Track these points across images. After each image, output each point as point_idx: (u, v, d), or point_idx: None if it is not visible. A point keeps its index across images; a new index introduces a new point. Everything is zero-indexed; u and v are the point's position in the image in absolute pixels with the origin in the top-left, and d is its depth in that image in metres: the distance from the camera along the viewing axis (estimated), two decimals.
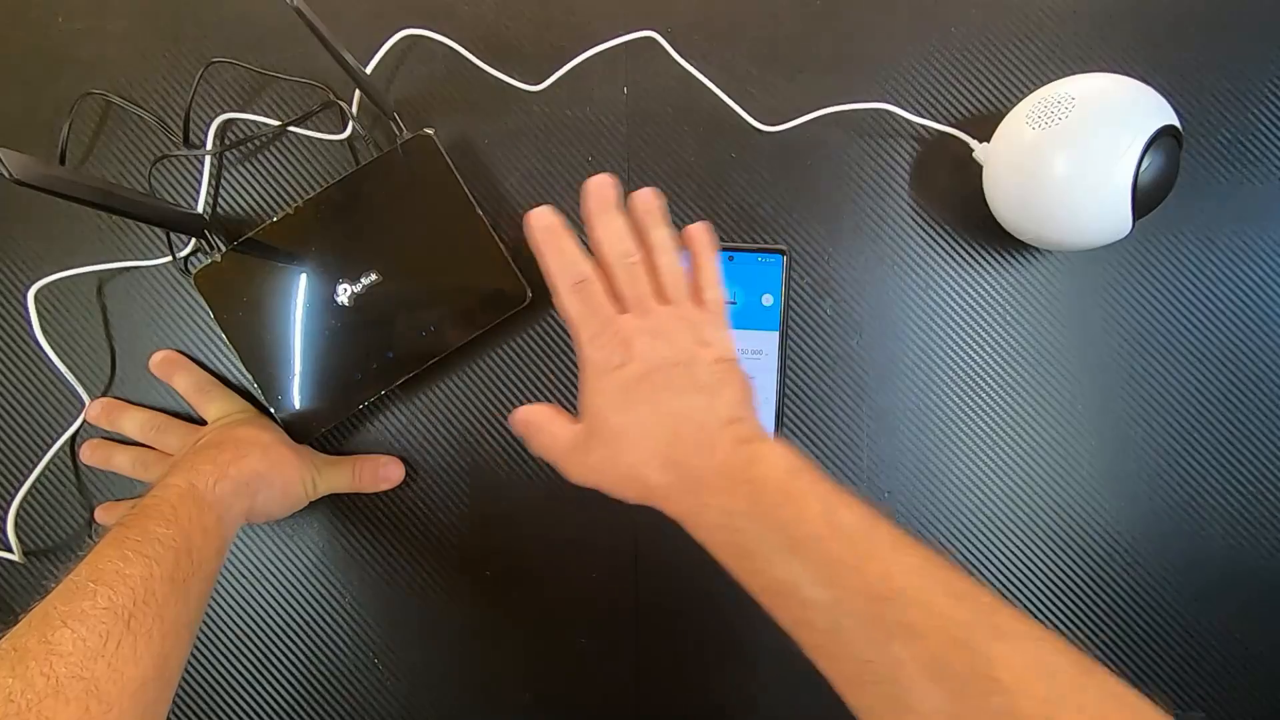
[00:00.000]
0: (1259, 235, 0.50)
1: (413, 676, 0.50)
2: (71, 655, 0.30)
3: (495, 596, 0.50)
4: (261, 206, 0.50)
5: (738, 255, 0.49)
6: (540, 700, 0.50)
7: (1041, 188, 0.42)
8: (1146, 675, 0.50)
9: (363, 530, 0.50)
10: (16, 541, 0.49)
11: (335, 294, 0.47)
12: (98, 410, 0.49)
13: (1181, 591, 0.50)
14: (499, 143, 0.50)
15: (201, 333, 0.50)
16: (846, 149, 0.50)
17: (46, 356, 0.48)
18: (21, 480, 0.49)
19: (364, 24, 0.50)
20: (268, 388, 0.47)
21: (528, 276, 0.49)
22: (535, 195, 0.50)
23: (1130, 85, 0.42)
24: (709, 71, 0.48)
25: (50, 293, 0.49)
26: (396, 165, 0.47)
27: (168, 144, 0.50)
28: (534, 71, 0.49)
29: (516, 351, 0.50)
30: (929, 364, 0.50)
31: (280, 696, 0.50)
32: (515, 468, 0.50)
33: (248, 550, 0.50)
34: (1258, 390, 0.50)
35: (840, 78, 0.50)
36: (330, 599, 0.50)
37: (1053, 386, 0.50)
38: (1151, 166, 0.41)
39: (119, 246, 0.50)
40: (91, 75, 0.50)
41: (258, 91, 0.50)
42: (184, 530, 0.37)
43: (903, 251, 0.50)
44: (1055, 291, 0.50)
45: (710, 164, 0.50)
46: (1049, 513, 0.50)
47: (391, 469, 0.49)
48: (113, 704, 0.30)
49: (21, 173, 0.33)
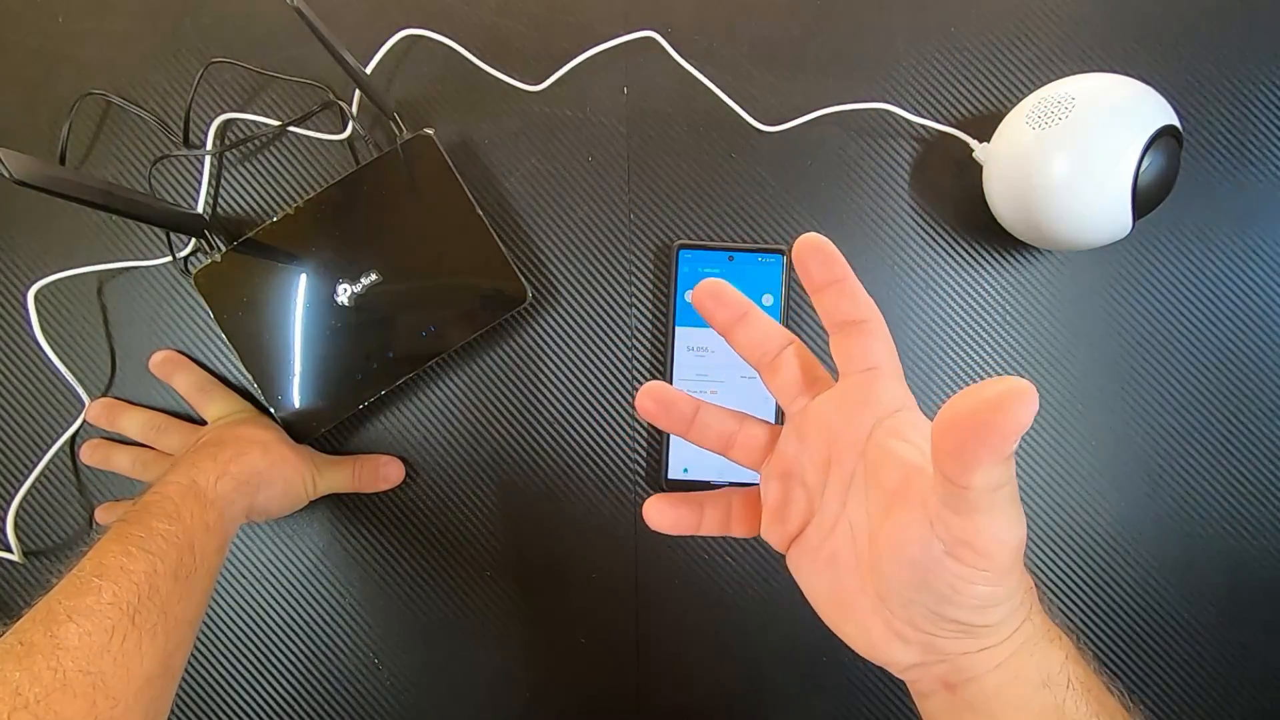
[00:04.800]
0: (1259, 235, 0.50)
1: (413, 676, 0.50)
2: (78, 650, 0.30)
3: (495, 596, 0.50)
4: (261, 206, 0.50)
5: (738, 255, 0.49)
6: (540, 700, 0.50)
7: (1041, 188, 0.42)
8: (1146, 675, 0.50)
9: (363, 530, 0.50)
10: (16, 541, 0.49)
11: (335, 294, 0.47)
12: (98, 410, 0.49)
13: (1181, 591, 0.49)
14: (499, 143, 0.50)
15: (201, 333, 0.50)
16: (846, 149, 0.50)
17: (46, 356, 0.48)
18: (21, 480, 0.49)
19: (364, 24, 0.50)
20: (268, 388, 0.47)
21: (528, 276, 0.49)
22: (535, 195, 0.50)
23: (1130, 85, 0.42)
24: (709, 71, 0.48)
25: (50, 293, 0.49)
26: (396, 165, 0.47)
27: (168, 144, 0.50)
28: (534, 71, 0.49)
29: (516, 351, 0.50)
30: (929, 364, 0.50)
31: (280, 696, 0.50)
32: (515, 468, 0.50)
33: (248, 550, 0.50)
34: (1257, 390, 0.50)
35: (840, 78, 0.50)
36: (330, 599, 0.50)
37: (1053, 386, 0.50)
38: (1151, 166, 0.41)
39: (119, 246, 0.50)
40: (91, 75, 0.50)
41: (258, 91, 0.50)
42: (186, 527, 0.37)
43: (903, 251, 0.50)
44: (1055, 291, 0.50)
45: (710, 164, 0.50)
46: (1049, 513, 0.50)
47: (391, 469, 0.49)
48: (119, 699, 0.30)
49: (21, 173, 0.33)
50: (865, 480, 0.28)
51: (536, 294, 0.50)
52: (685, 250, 0.49)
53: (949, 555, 0.24)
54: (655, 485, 0.50)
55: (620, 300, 0.50)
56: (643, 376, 0.50)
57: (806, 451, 0.29)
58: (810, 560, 0.30)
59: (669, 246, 0.50)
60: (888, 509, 0.26)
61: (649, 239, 0.50)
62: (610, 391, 0.50)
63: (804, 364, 0.30)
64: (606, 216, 0.50)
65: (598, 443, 0.50)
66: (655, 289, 0.50)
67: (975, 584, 0.24)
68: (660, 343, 0.50)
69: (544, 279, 0.50)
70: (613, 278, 0.50)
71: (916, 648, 0.27)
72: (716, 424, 0.31)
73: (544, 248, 0.50)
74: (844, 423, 0.28)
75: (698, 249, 0.49)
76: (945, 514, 0.23)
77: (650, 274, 0.50)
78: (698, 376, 0.49)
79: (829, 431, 0.29)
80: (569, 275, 0.50)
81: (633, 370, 0.50)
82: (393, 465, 0.49)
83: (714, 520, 0.32)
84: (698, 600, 0.50)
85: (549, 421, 0.50)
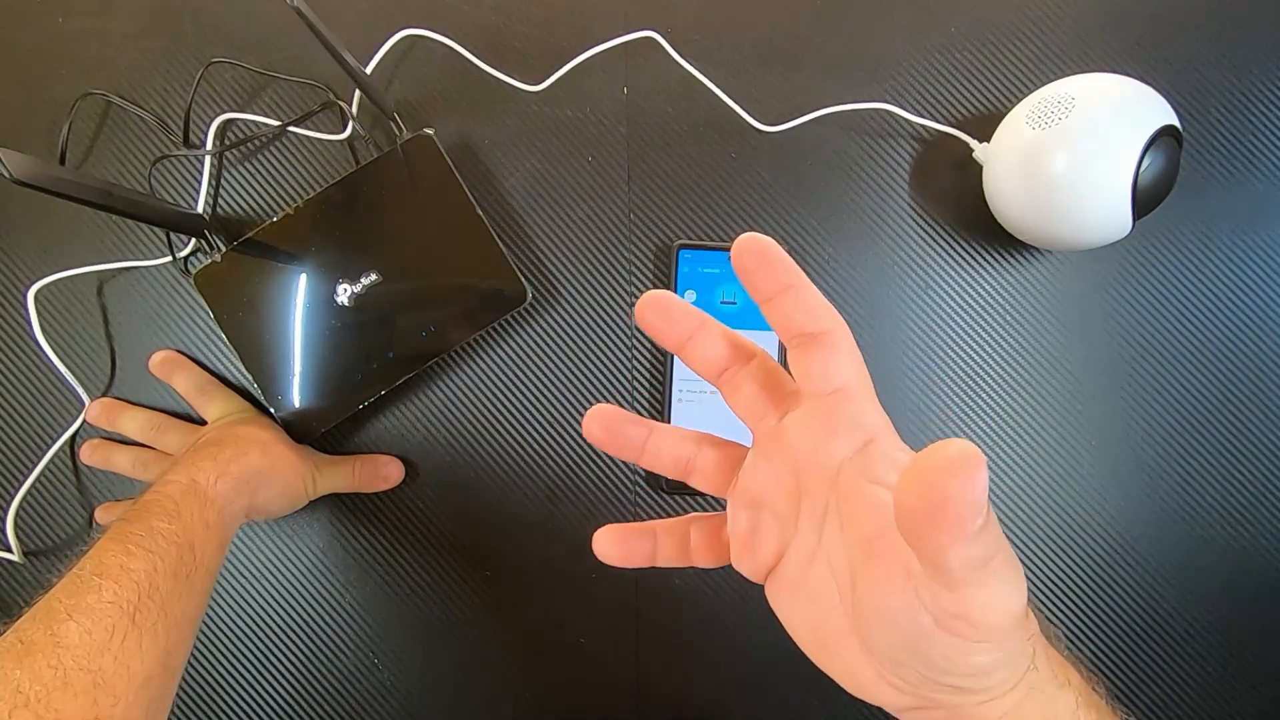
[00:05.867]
0: (1259, 235, 0.50)
1: (413, 676, 0.50)
2: (78, 648, 0.30)
3: (495, 596, 0.50)
4: (261, 206, 0.50)
5: None
6: (540, 700, 0.50)
7: (1041, 188, 0.42)
8: (1146, 675, 0.50)
9: (363, 530, 0.50)
10: (16, 541, 0.49)
11: (335, 294, 0.47)
12: (98, 410, 0.49)
13: (1181, 591, 0.49)
14: (499, 143, 0.50)
15: (201, 333, 0.50)
16: (846, 149, 0.50)
17: (46, 356, 0.48)
18: (21, 480, 0.49)
19: (364, 24, 0.50)
20: (267, 388, 0.47)
21: (528, 276, 0.49)
22: (535, 195, 0.50)
23: (1130, 85, 0.42)
24: (709, 71, 0.48)
25: (50, 293, 0.49)
26: (396, 165, 0.47)
27: (168, 144, 0.50)
28: (534, 71, 0.49)
29: (516, 351, 0.50)
30: (929, 364, 0.50)
31: (280, 696, 0.50)
32: (515, 468, 0.50)
33: (248, 549, 0.50)
34: (1257, 390, 0.50)
35: (840, 78, 0.50)
36: (330, 599, 0.50)
37: (1053, 386, 0.50)
38: (1151, 166, 0.41)
39: (119, 246, 0.50)
40: (91, 75, 0.50)
41: (258, 91, 0.50)
42: (186, 526, 0.37)
43: (903, 251, 0.50)
44: (1055, 291, 0.50)
45: (710, 164, 0.50)
46: (1049, 512, 0.50)
47: (391, 469, 0.49)
48: (120, 697, 0.31)
49: (21, 173, 0.33)
50: (840, 517, 0.24)
51: (536, 294, 0.50)
52: (685, 250, 0.49)
53: (940, 628, 0.21)
54: (655, 486, 0.50)
55: (620, 300, 0.50)
56: (643, 376, 0.50)
57: (774, 477, 0.26)
58: (790, 595, 0.26)
59: (669, 246, 0.50)
60: (867, 556, 0.23)
61: (649, 239, 0.50)
62: (610, 391, 0.50)
63: (767, 380, 0.26)
64: (606, 216, 0.50)
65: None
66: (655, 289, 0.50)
67: (972, 655, 0.22)
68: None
69: (544, 279, 0.50)
70: (613, 278, 0.50)
71: (910, 697, 0.24)
72: (670, 448, 0.28)
73: (544, 248, 0.50)
74: (810, 452, 0.25)
75: (698, 249, 0.49)
76: (932, 587, 0.20)
77: (650, 274, 0.50)
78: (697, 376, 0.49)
79: (795, 460, 0.25)
80: (569, 275, 0.50)
81: (633, 370, 0.50)
82: (392, 465, 0.49)
83: (670, 551, 0.28)
84: (697, 601, 0.50)
85: (549, 421, 0.50)
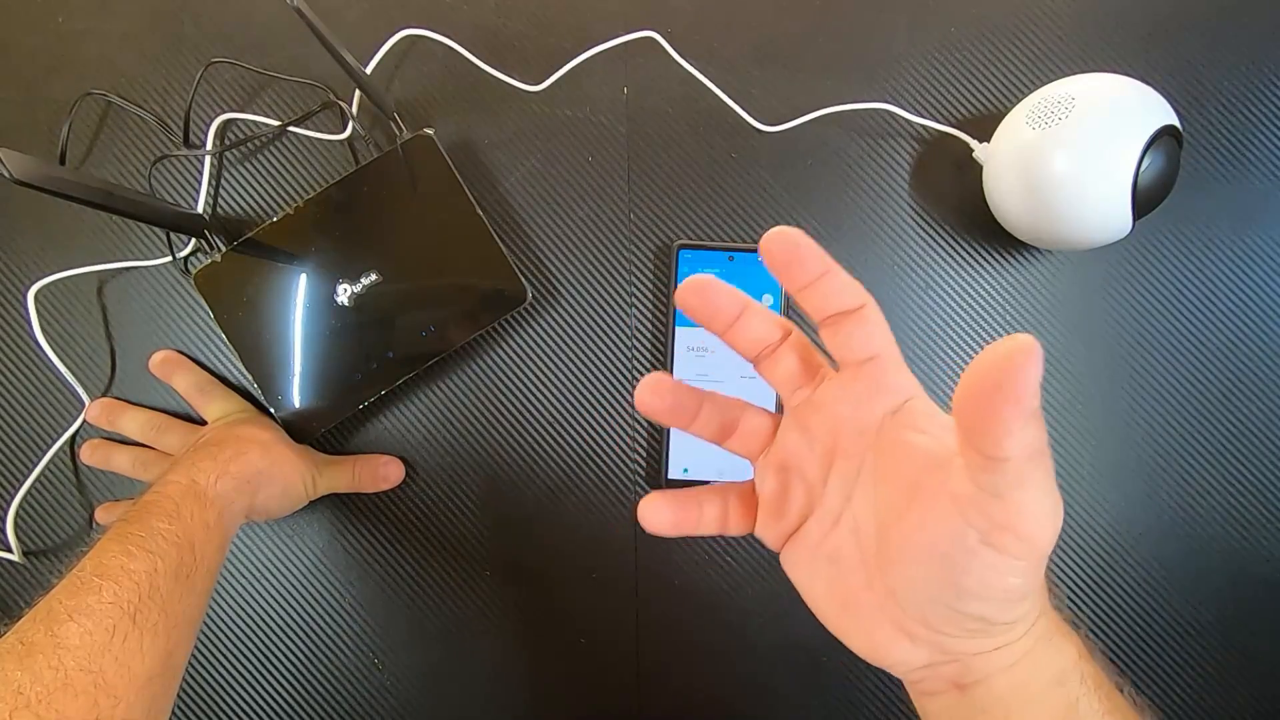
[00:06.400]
0: (1259, 235, 0.50)
1: (413, 677, 0.50)
2: (79, 649, 0.30)
3: (495, 596, 0.50)
4: (261, 206, 0.50)
5: (738, 255, 0.49)
6: (540, 700, 0.50)
7: (1041, 188, 0.42)
8: (1146, 675, 0.50)
9: (363, 530, 0.50)
10: (16, 541, 0.49)
11: (335, 294, 0.47)
12: (98, 410, 0.49)
13: (1182, 591, 0.49)
14: (499, 143, 0.50)
15: (201, 333, 0.50)
16: (846, 149, 0.50)
17: (46, 356, 0.48)
18: (21, 480, 0.49)
19: (364, 24, 0.50)
20: (268, 388, 0.47)
21: (528, 276, 0.49)
22: (535, 195, 0.50)
23: (1130, 85, 0.42)
24: (709, 71, 0.48)
25: (50, 293, 0.49)
26: (396, 165, 0.47)
27: (168, 144, 0.50)
28: (534, 71, 0.49)
29: (516, 351, 0.50)
30: (929, 364, 0.50)
31: (280, 696, 0.50)
32: (515, 468, 0.50)
33: (248, 550, 0.50)
34: (1258, 390, 0.50)
35: (840, 78, 0.50)
36: (331, 599, 0.50)
37: (1053, 386, 0.50)
38: (1151, 166, 0.41)
39: (119, 246, 0.50)
40: (91, 75, 0.50)
41: (258, 91, 0.50)
42: (186, 526, 0.37)
43: (903, 251, 0.50)
44: (1055, 291, 0.50)
45: (710, 164, 0.50)
46: None
47: (391, 469, 0.49)
48: (121, 697, 0.31)
49: (21, 173, 0.33)
50: (876, 474, 0.26)
51: (536, 294, 0.50)
52: (685, 250, 0.49)
53: (985, 544, 0.23)
54: (655, 485, 0.50)
55: (620, 300, 0.50)
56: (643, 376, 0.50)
57: (808, 443, 0.28)
58: (809, 558, 0.28)
59: (669, 246, 0.50)
60: (907, 503, 0.25)
61: (649, 239, 0.50)
62: (610, 391, 0.50)
63: (803, 354, 0.28)
64: (606, 216, 0.50)
65: (597, 442, 0.50)
66: (655, 289, 0.50)
67: (1008, 576, 0.23)
68: (660, 343, 0.50)
69: (544, 279, 0.50)
70: (613, 278, 0.50)
71: (926, 649, 0.26)
72: (720, 413, 0.30)
73: (544, 248, 0.50)
74: (851, 414, 0.27)
75: (698, 249, 0.49)
76: (981, 499, 0.22)
77: (650, 274, 0.50)
78: (698, 376, 0.49)
79: (834, 423, 0.27)
80: (569, 275, 0.50)
81: (633, 370, 0.50)
82: (392, 465, 0.49)
83: (712, 518, 0.30)
84: (697, 600, 0.50)
85: (549, 421, 0.50)
